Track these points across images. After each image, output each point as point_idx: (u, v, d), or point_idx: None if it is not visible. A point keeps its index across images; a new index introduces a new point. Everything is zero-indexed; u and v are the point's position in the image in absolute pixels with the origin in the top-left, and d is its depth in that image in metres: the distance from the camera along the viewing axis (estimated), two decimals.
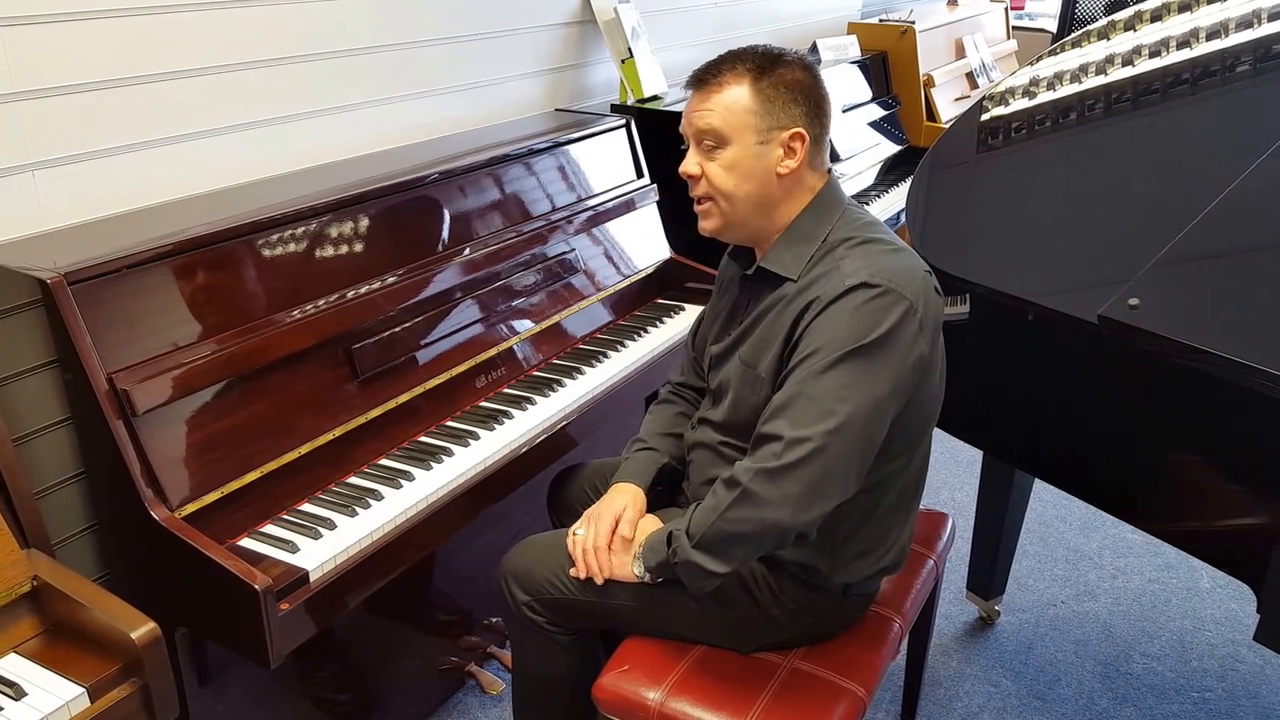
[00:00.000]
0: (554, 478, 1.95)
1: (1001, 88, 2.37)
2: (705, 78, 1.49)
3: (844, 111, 3.50)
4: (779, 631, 1.61)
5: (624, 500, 1.63)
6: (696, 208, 1.56)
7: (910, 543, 1.68)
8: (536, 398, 1.99)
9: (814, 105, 1.48)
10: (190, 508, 1.50)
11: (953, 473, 3.18)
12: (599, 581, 1.58)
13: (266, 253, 1.70)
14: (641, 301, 2.47)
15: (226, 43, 1.91)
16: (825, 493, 1.40)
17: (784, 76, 1.46)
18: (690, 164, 1.53)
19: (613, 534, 1.59)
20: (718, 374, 1.63)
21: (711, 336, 1.71)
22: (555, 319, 2.19)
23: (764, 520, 1.40)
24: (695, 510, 1.48)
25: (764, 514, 1.39)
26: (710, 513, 1.44)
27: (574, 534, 1.62)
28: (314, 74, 2.10)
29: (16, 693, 1.23)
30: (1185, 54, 2.11)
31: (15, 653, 1.31)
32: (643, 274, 2.46)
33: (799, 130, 1.46)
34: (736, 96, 1.46)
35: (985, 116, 2.31)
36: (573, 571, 1.60)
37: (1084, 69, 2.25)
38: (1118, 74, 2.17)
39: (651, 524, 1.62)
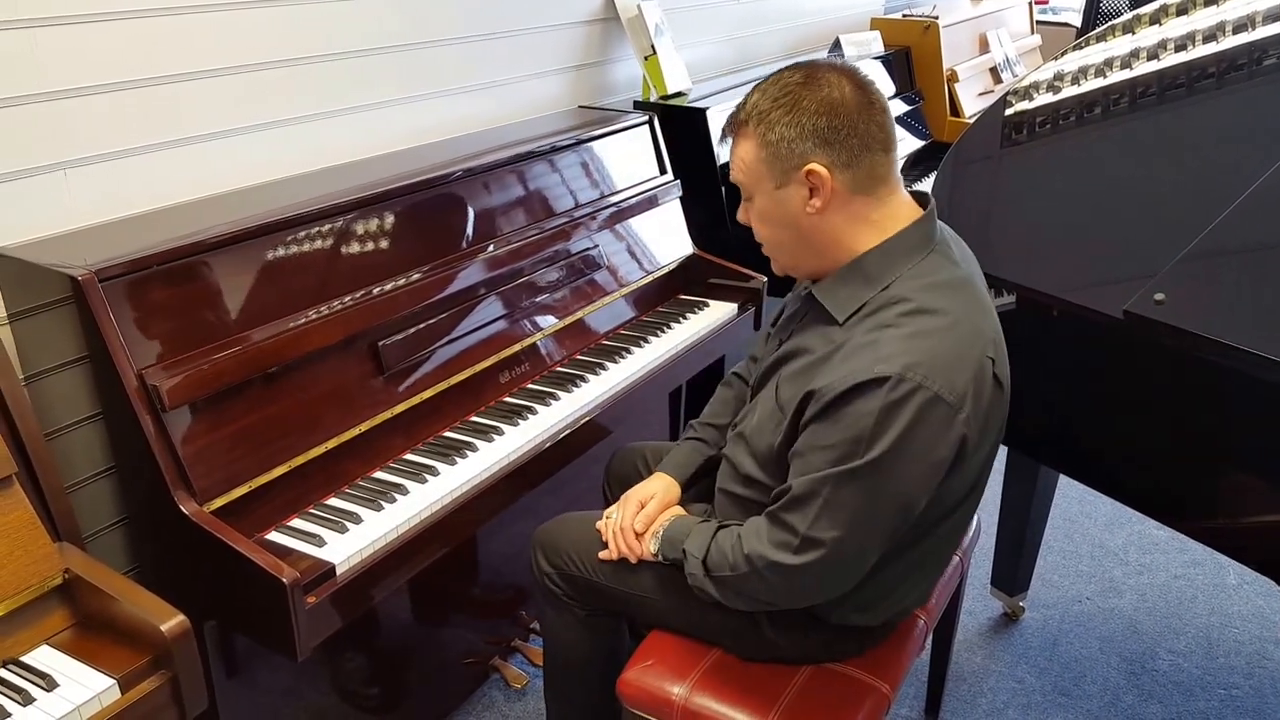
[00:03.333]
0: (612, 454, 1.99)
1: (1025, 82, 2.36)
2: (724, 132, 1.45)
3: None
4: (775, 648, 1.59)
5: (654, 489, 1.64)
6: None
7: (915, 604, 1.64)
8: (560, 393, 1.99)
9: (830, 129, 1.33)
10: (219, 502, 1.51)
11: None
12: (633, 560, 1.60)
13: (293, 250, 1.72)
14: (664, 297, 2.47)
15: (252, 42, 1.93)
16: (840, 584, 1.41)
17: (789, 112, 1.35)
18: (740, 214, 1.48)
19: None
20: (760, 380, 1.58)
21: (771, 328, 1.68)
22: (578, 315, 2.20)
23: (775, 599, 1.45)
24: (714, 544, 1.48)
25: (775, 597, 1.44)
26: (725, 565, 1.45)
27: (608, 517, 1.66)
28: (339, 72, 2.11)
29: (48, 684, 1.25)
30: (1211, 47, 2.09)
31: (47, 644, 1.33)
32: (666, 270, 2.47)
33: (811, 166, 1.35)
34: (747, 148, 1.40)
35: (1009, 111, 2.30)
36: (603, 554, 1.63)
37: (1109, 63, 2.23)
38: (1143, 68, 2.16)
39: (676, 514, 1.64)
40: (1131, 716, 2.18)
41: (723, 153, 2.71)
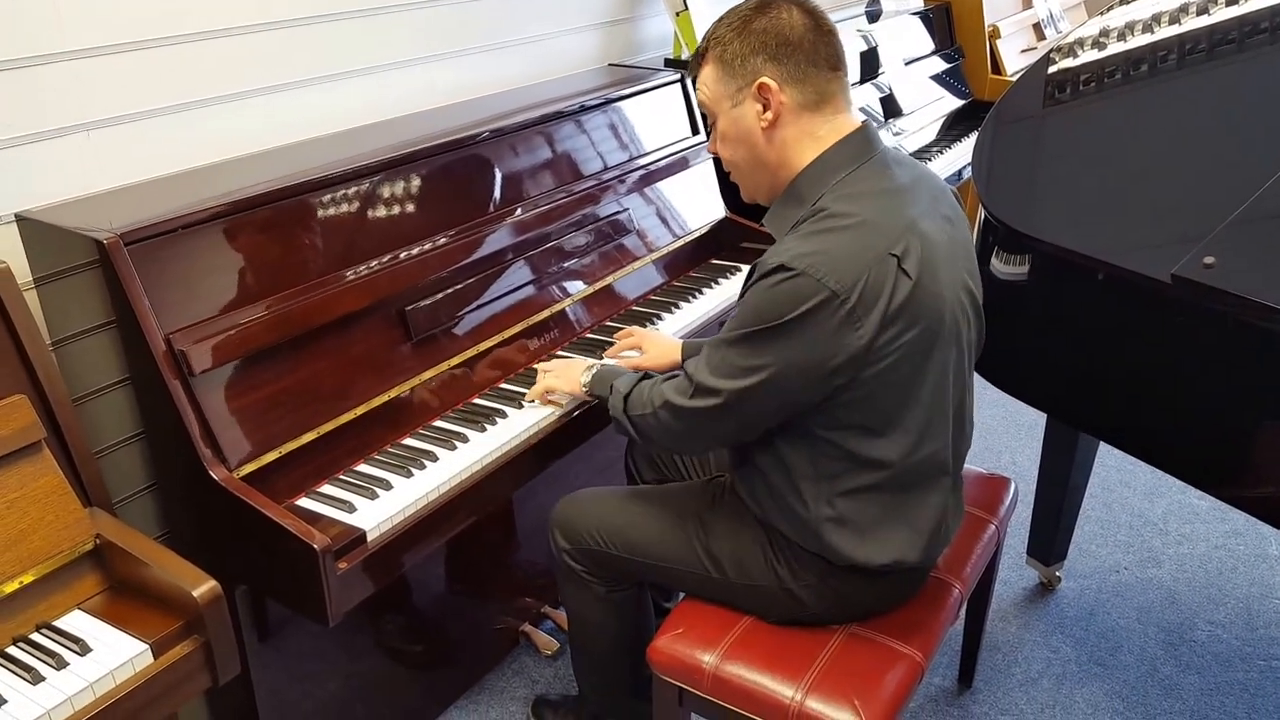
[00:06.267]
0: None
1: (1070, 39, 2.30)
2: (691, 68, 1.59)
3: (905, 65, 3.42)
4: (802, 606, 1.58)
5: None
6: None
7: (925, 543, 1.54)
8: (591, 360, 1.97)
9: (778, 45, 1.41)
10: (249, 467, 1.51)
11: (1014, 436, 3.12)
12: (539, 397, 1.80)
13: (319, 213, 1.70)
14: (696, 262, 2.44)
15: (276, 0, 1.90)
16: (718, 437, 1.56)
17: (740, 33, 1.44)
18: (710, 144, 1.58)
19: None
20: None
21: None
22: (608, 280, 2.17)
23: (663, 438, 1.58)
24: (638, 388, 1.61)
25: (664, 435, 1.57)
26: (639, 405, 1.59)
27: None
28: (365, 30, 2.08)
29: (81, 648, 1.26)
30: (1263, 1, 2.02)
31: (80, 609, 1.34)
32: (697, 234, 2.43)
33: (762, 80, 1.42)
34: (707, 71, 1.50)
35: (1053, 69, 2.24)
36: (530, 394, 1.81)
37: (1156, 19, 2.17)
38: (1192, 23, 2.09)
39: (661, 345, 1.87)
40: (1169, 687, 2.16)
41: None
